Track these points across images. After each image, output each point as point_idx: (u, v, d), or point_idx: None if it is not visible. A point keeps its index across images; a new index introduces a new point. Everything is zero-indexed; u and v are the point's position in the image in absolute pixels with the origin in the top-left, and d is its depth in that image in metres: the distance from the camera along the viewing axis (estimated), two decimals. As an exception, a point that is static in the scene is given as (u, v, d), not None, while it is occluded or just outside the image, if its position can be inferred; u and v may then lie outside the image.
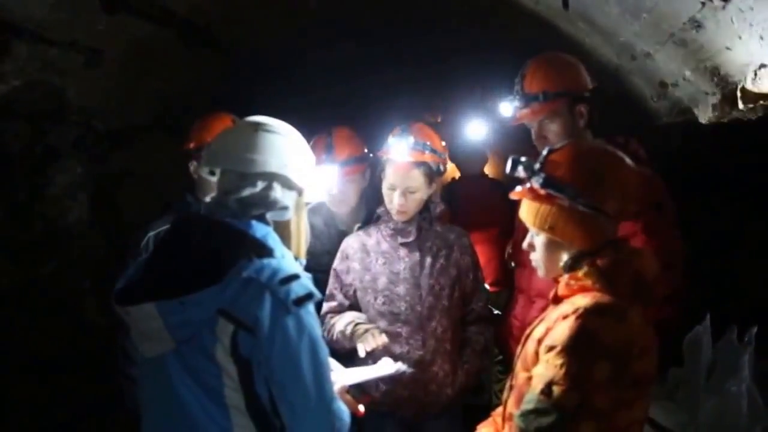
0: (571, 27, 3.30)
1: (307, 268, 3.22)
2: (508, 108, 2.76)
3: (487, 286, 3.03)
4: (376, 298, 2.75)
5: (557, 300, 1.91)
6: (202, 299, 1.68)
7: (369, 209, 3.06)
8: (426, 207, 2.81)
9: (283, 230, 1.93)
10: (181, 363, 1.74)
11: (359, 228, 3.13)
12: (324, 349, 1.79)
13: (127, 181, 3.78)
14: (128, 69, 3.28)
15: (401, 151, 2.71)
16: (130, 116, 3.63)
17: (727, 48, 2.56)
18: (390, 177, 2.74)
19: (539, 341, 1.82)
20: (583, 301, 1.75)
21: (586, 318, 1.70)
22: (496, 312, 3.16)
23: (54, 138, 3.31)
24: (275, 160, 1.85)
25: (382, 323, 2.72)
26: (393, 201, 2.72)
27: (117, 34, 3.04)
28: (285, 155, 1.88)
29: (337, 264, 2.90)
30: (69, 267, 3.52)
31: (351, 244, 2.90)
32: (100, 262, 3.61)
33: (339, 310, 2.88)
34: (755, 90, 2.52)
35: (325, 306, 2.88)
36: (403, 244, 2.78)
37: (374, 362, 2.52)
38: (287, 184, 1.90)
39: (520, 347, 1.99)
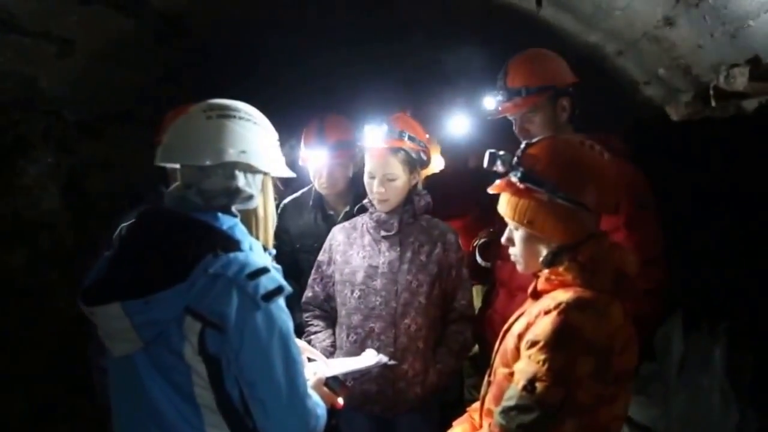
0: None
1: (292, 250, 3.25)
2: (491, 102, 2.69)
3: None
4: (353, 292, 2.66)
5: (536, 295, 1.84)
6: (168, 298, 1.57)
7: (357, 194, 3.00)
8: (410, 199, 2.72)
9: (249, 218, 1.82)
10: (150, 362, 1.64)
11: (346, 213, 3.10)
12: (295, 345, 1.69)
13: (98, 171, 3.63)
14: (100, 60, 3.15)
15: (376, 138, 2.65)
16: (102, 107, 3.48)
17: (699, 46, 2.52)
18: (369, 164, 2.67)
19: (519, 336, 1.75)
20: (564, 296, 1.69)
21: (569, 313, 1.64)
22: None
23: (24, 128, 3.16)
24: (233, 148, 1.70)
25: (357, 317, 2.64)
26: (373, 189, 2.64)
27: (90, 25, 2.90)
28: (243, 141, 1.73)
29: (320, 255, 2.83)
30: (39, 258, 3.38)
31: (336, 236, 2.82)
32: (71, 252, 3.47)
33: (313, 302, 2.82)
34: (727, 88, 2.48)
35: (304, 296, 2.83)
36: (385, 237, 2.68)
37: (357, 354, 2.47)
38: (250, 170, 1.76)
39: (498, 342, 1.93)
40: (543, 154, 1.78)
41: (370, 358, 2.39)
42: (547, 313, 1.68)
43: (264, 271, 1.63)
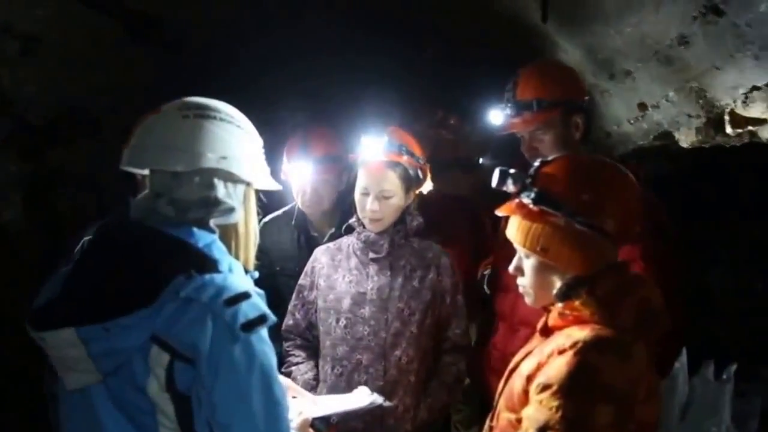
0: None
1: (270, 273, 3.00)
2: (498, 116, 2.48)
3: None
4: (338, 320, 2.42)
5: (547, 331, 1.64)
6: (131, 324, 1.34)
7: (344, 213, 2.73)
8: (401, 219, 2.49)
9: (229, 235, 1.59)
10: (109, 397, 1.41)
11: (331, 235, 2.83)
12: (278, 383, 1.45)
13: (65, 180, 3.39)
14: (69, 59, 2.93)
15: (375, 151, 2.42)
16: (69, 111, 3.25)
17: (716, 67, 2.35)
18: (363, 179, 2.42)
19: (529, 378, 1.54)
20: (581, 334, 1.49)
21: (586, 354, 1.44)
22: None
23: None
24: (212, 153, 1.49)
25: (342, 349, 2.40)
26: (366, 207, 2.39)
27: (57, 21, 2.69)
28: (224, 145, 1.52)
29: (301, 279, 2.58)
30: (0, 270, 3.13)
31: (319, 258, 2.57)
32: (34, 265, 3.21)
33: (294, 331, 2.57)
34: (745, 114, 2.32)
35: (284, 323, 2.58)
36: (373, 260, 2.45)
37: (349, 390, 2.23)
38: (231, 179, 1.55)
39: (502, 383, 1.71)
40: (561, 173, 1.59)
41: (362, 397, 2.14)
42: (561, 352, 1.48)
43: (244, 296, 1.41)
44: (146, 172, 1.56)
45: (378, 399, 2.13)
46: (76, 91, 3.19)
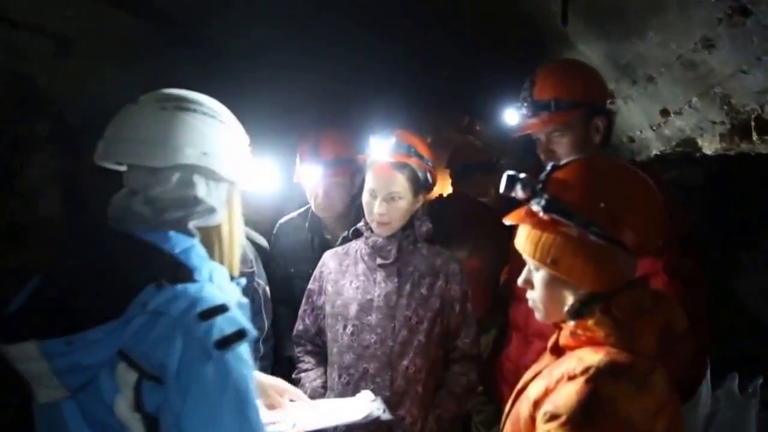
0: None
1: (286, 274, 2.77)
2: (513, 116, 2.17)
3: None
4: (345, 327, 2.17)
5: (558, 351, 1.37)
6: (96, 338, 1.12)
7: (358, 216, 2.44)
8: (410, 223, 2.23)
9: (211, 238, 1.35)
10: (80, 413, 1.19)
11: (344, 238, 2.53)
12: (255, 407, 1.21)
13: (100, 177, 3.20)
14: (102, 59, 2.73)
15: (383, 151, 2.15)
16: (103, 109, 3.06)
17: (742, 71, 2.03)
18: (370, 181, 2.17)
19: (536, 403, 1.28)
20: (593, 357, 1.22)
21: (599, 381, 1.17)
22: None
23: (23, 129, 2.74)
24: (192, 148, 1.27)
25: (349, 357, 2.15)
26: (374, 209, 2.14)
27: (89, 22, 2.49)
28: (206, 140, 1.30)
29: (311, 283, 2.34)
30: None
31: (327, 263, 2.33)
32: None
33: (304, 336, 2.33)
34: (772, 120, 2.00)
35: (295, 328, 2.35)
36: (381, 266, 2.19)
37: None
38: (213, 177, 1.33)
39: (509, 404, 1.45)
40: (574, 179, 1.31)
41: (364, 402, 1.90)
42: (571, 378, 1.21)
43: (221, 309, 1.17)
44: (124, 168, 1.32)
45: (377, 411, 1.86)
46: (109, 91, 2.99)
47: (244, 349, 1.18)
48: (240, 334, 1.17)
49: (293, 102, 3.81)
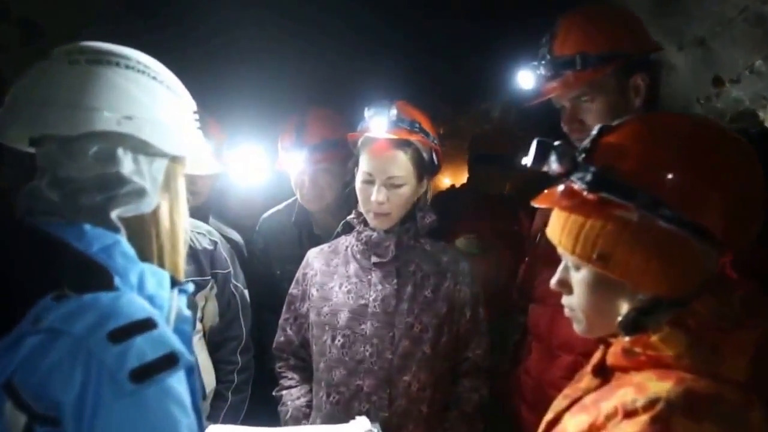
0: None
1: (270, 276, 2.41)
2: (528, 78, 1.79)
3: None
4: (334, 339, 1.84)
5: (604, 372, 1.02)
6: None
7: (351, 208, 2.06)
8: (411, 214, 1.89)
9: (144, 231, 1.03)
10: None
11: (338, 234, 2.20)
12: None
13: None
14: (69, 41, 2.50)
15: (380, 126, 1.79)
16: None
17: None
18: (366, 164, 1.83)
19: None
20: (660, 387, 0.88)
21: (673, 422, 0.83)
22: None
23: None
24: (110, 111, 0.96)
25: (339, 372, 1.82)
26: (370, 197, 1.80)
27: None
28: (131, 102, 0.98)
29: (292, 288, 2.01)
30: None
31: (311, 263, 1.99)
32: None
33: (286, 349, 2.00)
34: None
35: (275, 340, 2.02)
36: (377, 265, 1.86)
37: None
38: (144, 150, 1.01)
39: None
40: (634, 143, 0.97)
41: (357, 430, 1.57)
42: (629, 415, 0.88)
43: (142, 326, 0.85)
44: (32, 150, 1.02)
45: None
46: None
47: (175, 381, 0.86)
48: (170, 360, 0.84)
49: (281, 83, 3.50)
